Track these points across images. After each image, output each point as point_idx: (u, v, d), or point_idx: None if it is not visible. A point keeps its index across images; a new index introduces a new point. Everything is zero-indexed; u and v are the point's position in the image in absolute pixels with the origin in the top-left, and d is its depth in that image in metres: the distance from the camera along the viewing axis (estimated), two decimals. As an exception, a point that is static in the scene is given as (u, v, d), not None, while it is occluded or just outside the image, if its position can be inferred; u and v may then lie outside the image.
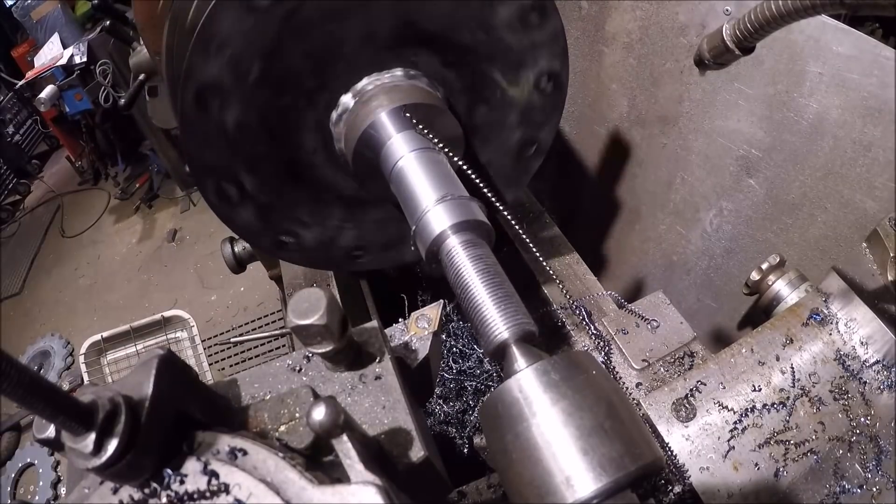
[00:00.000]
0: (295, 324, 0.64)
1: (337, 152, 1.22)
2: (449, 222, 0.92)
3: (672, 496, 0.99)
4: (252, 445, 0.58)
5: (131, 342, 3.83)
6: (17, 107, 7.86)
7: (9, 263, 6.83)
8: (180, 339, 3.90)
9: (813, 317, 1.06)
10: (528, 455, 0.65)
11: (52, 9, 6.53)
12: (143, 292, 5.80)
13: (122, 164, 7.39)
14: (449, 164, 1.09)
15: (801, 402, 1.00)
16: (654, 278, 2.18)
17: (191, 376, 0.62)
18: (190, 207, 6.61)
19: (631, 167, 2.11)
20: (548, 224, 1.79)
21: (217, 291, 5.42)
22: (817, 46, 1.32)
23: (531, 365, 0.71)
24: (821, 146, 1.40)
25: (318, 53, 1.10)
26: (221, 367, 4.20)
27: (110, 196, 7.42)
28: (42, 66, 5.90)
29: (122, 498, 0.56)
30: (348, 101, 1.16)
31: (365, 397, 0.71)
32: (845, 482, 0.96)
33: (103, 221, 7.13)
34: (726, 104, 1.62)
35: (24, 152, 8.14)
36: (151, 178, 7.13)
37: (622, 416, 0.66)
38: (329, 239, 1.38)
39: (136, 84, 2.40)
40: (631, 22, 1.86)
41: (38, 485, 4.22)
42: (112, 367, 3.86)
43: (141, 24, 1.67)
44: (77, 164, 7.70)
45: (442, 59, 1.19)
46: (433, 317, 0.90)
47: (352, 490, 0.53)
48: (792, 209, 1.53)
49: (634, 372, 1.21)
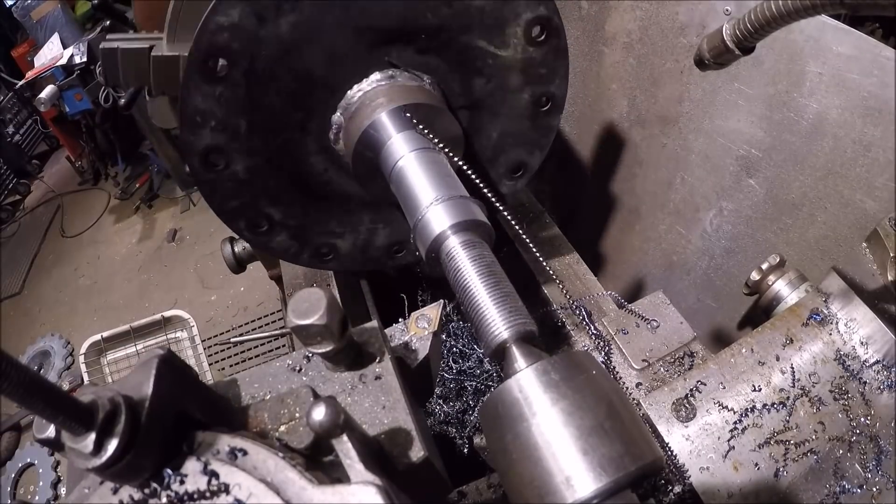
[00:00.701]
0: (295, 324, 0.64)
1: (346, 166, 1.24)
2: (449, 222, 0.92)
3: (672, 496, 0.99)
4: (252, 445, 0.58)
5: (131, 342, 3.84)
6: (17, 107, 7.86)
7: (9, 263, 6.83)
8: (180, 339, 3.90)
9: (813, 317, 1.06)
10: (528, 455, 0.65)
11: (52, 9, 6.53)
12: (143, 292, 5.80)
13: (122, 164, 7.39)
14: (449, 164, 1.09)
15: (801, 402, 1.00)
16: (654, 278, 2.18)
17: (191, 376, 0.62)
18: (190, 207, 6.61)
19: (631, 167, 2.11)
20: (548, 224, 1.79)
21: (217, 291, 5.42)
22: (817, 46, 1.32)
23: (531, 365, 0.71)
24: (821, 146, 1.40)
25: (291, 89, 1.13)
26: (221, 367, 4.20)
27: (110, 196, 7.43)
28: (42, 66, 5.90)
29: (122, 498, 0.56)
30: (339, 119, 1.19)
31: (365, 397, 0.71)
32: (845, 482, 0.96)
33: (103, 221, 7.13)
34: (726, 104, 1.62)
35: (24, 152, 8.14)
36: (151, 178, 7.13)
37: (622, 416, 0.66)
38: (364, 242, 1.42)
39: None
40: (631, 22, 1.86)
41: (38, 485, 4.22)
42: (112, 367, 3.86)
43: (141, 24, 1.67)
44: (77, 164, 7.71)
45: (415, 48, 1.17)
46: (433, 317, 0.90)
47: (352, 490, 0.53)
48: (792, 209, 1.53)
49: (634, 372, 1.21)
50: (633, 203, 2.16)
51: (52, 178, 8.22)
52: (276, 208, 1.29)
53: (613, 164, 2.19)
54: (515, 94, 1.29)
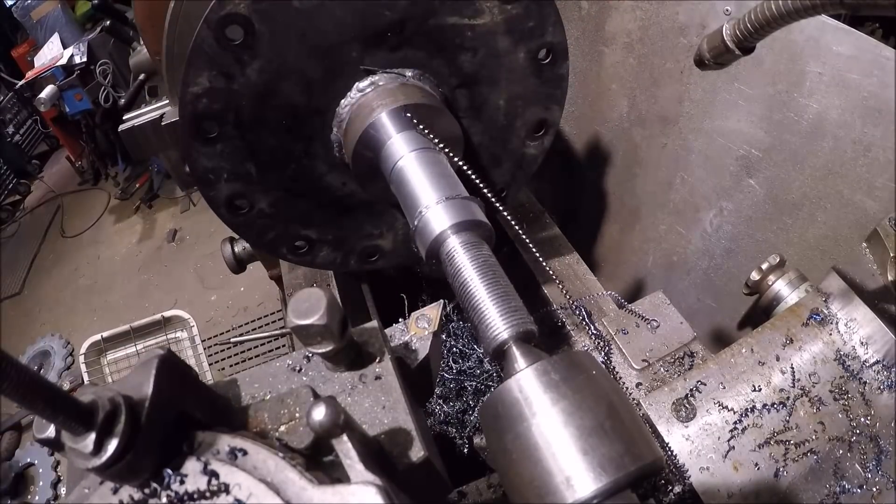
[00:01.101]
0: (295, 324, 0.64)
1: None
2: (449, 222, 0.92)
3: (672, 496, 0.99)
4: (252, 445, 0.58)
5: (131, 342, 3.83)
6: (17, 107, 7.86)
7: (9, 263, 6.83)
8: (180, 339, 3.89)
9: (813, 317, 1.06)
10: (528, 455, 0.65)
11: (52, 9, 6.54)
12: (143, 292, 5.80)
13: (122, 164, 7.39)
14: (449, 163, 1.09)
15: (801, 402, 1.00)
16: (654, 278, 2.18)
17: (191, 376, 0.62)
18: (190, 207, 6.61)
19: (631, 167, 2.11)
20: (548, 224, 1.79)
21: (217, 291, 5.42)
22: (817, 46, 1.32)
23: (531, 365, 0.71)
24: (821, 146, 1.40)
25: (283, 125, 1.18)
26: (221, 367, 4.20)
27: (110, 196, 7.43)
28: (42, 66, 5.90)
29: (122, 498, 0.56)
30: (337, 136, 1.21)
31: (365, 397, 0.71)
32: (845, 482, 0.96)
33: (103, 221, 7.13)
34: (726, 104, 1.62)
35: (24, 152, 8.14)
36: (151, 178, 7.13)
37: (622, 416, 0.66)
38: (405, 236, 1.44)
39: (136, 84, 2.40)
40: (631, 22, 1.86)
41: (38, 485, 4.22)
42: (112, 367, 3.86)
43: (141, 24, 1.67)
44: (77, 164, 7.71)
45: (387, 47, 1.16)
46: (433, 317, 0.90)
47: (352, 490, 0.53)
48: (792, 209, 1.53)
49: (634, 372, 1.21)
50: (633, 203, 2.16)
51: (52, 178, 8.23)
52: (311, 229, 1.35)
53: (613, 164, 2.19)
54: (509, 57, 1.23)
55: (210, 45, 1.03)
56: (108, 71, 5.45)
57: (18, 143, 7.99)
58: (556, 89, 1.32)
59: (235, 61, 1.07)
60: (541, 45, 1.24)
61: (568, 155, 2.41)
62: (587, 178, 2.38)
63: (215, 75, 1.07)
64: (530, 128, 1.37)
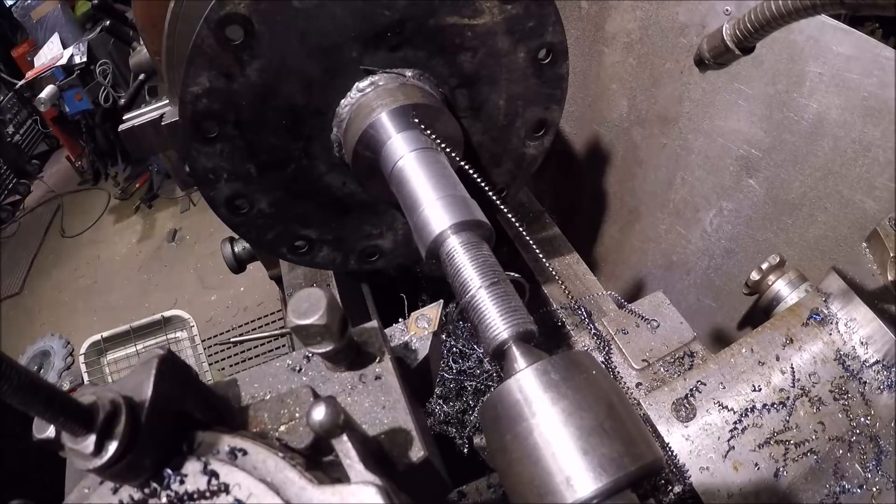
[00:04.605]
0: (295, 324, 0.64)
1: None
2: (449, 222, 0.92)
3: (672, 496, 0.99)
4: (252, 445, 0.58)
5: (131, 342, 3.83)
6: (17, 107, 7.87)
7: (9, 263, 6.83)
8: (180, 339, 3.89)
9: (813, 317, 1.06)
10: (528, 455, 0.65)
11: (52, 9, 6.53)
12: (143, 292, 5.80)
13: (122, 164, 7.39)
14: (449, 163, 1.09)
15: (801, 402, 1.00)
16: (654, 278, 2.18)
17: (191, 376, 0.62)
18: (190, 207, 6.61)
19: (631, 167, 2.11)
20: (548, 224, 1.79)
21: (217, 291, 5.42)
22: (817, 46, 1.32)
23: (531, 365, 0.71)
24: (821, 146, 1.40)
25: (283, 125, 1.18)
26: (221, 367, 4.20)
27: (110, 196, 7.43)
28: (42, 66, 5.90)
29: (122, 498, 0.56)
30: (337, 136, 1.21)
31: (365, 397, 0.71)
32: (845, 482, 0.96)
33: (103, 221, 7.13)
34: (726, 104, 1.62)
35: (24, 152, 8.15)
36: (151, 178, 7.13)
37: (622, 416, 0.66)
38: (405, 236, 1.44)
39: (136, 84, 2.40)
40: (631, 22, 1.86)
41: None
42: (112, 367, 3.86)
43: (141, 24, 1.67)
44: (77, 164, 7.71)
45: (386, 47, 1.16)
46: (433, 317, 0.90)
47: (352, 490, 0.53)
48: (792, 209, 1.53)
49: (634, 372, 1.21)
50: (633, 203, 2.16)
51: (52, 178, 8.23)
52: (310, 229, 1.35)
53: (613, 164, 2.19)
54: (509, 57, 1.23)
55: (210, 45, 1.03)
56: (108, 71, 5.45)
57: (18, 143, 7.99)
58: (556, 89, 1.33)
59: (235, 61, 1.07)
60: (541, 44, 1.24)
61: (568, 155, 2.41)
62: (587, 178, 2.38)
63: (215, 75, 1.07)
64: (530, 128, 1.37)
